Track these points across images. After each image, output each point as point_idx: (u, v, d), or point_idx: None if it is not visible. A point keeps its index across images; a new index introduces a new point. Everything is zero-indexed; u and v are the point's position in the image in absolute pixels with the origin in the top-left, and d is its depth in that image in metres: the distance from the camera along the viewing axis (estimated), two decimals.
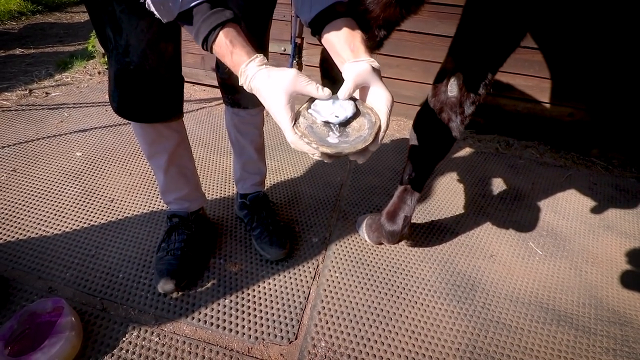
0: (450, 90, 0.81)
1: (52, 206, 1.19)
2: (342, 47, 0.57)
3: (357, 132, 0.51)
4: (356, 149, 0.49)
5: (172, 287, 0.90)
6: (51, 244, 1.05)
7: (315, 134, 0.51)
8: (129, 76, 0.74)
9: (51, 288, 0.93)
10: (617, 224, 1.39)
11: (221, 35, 0.53)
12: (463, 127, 0.85)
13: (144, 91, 0.77)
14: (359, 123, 0.52)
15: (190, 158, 0.99)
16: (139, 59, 0.72)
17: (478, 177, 1.59)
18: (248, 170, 1.12)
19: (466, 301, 1.00)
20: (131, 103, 0.78)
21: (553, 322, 0.97)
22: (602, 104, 1.76)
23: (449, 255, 1.15)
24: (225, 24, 0.53)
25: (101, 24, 0.71)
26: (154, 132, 0.86)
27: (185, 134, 0.95)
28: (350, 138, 0.51)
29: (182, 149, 0.94)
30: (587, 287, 1.10)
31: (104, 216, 1.17)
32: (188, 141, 0.97)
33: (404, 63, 1.85)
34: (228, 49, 0.53)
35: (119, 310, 0.89)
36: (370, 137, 0.50)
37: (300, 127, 0.51)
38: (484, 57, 0.78)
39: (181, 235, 0.99)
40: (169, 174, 0.94)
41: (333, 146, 0.49)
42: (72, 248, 1.04)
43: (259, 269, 1.03)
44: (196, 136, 1.68)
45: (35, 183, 1.28)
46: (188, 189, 1.00)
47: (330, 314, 0.93)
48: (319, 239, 1.16)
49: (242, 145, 1.07)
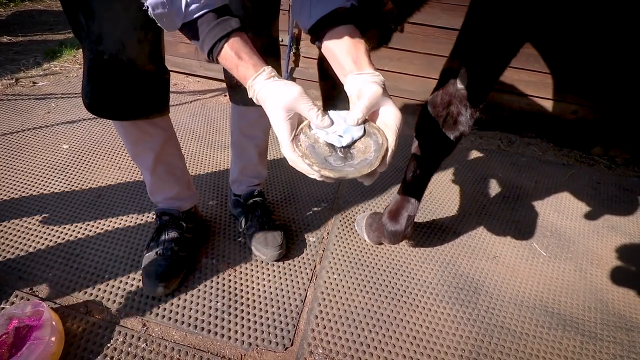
0: (460, 82, 0.76)
1: (36, 201, 1.13)
2: (344, 58, 0.53)
3: (363, 154, 0.48)
4: (361, 174, 0.45)
5: (161, 290, 0.85)
6: (34, 241, 0.99)
7: (317, 155, 0.47)
8: (102, 67, 0.67)
9: (32, 289, 0.88)
10: (621, 225, 1.35)
11: (226, 47, 0.50)
12: (472, 121, 0.81)
13: (120, 85, 0.69)
14: (364, 144, 0.48)
15: (180, 156, 0.93)
16: (113, 48, 0.65)
17: (480, 175, 1.55)
18: (246, 173, 1.06)
19: (469, 305, 0.96)
20: (105, 98, 0.71)
21: (559, 327, 0.94)
22: (606, 101, 1.72)
23: (451, 257, 1.11)
24: (231, 34, 0.50)
25: (72, 9, 0.64)
26: (136, 131, 0.79)
27: (173, 130, 0.89)
28: (355, 161, 0.47)
29: (169, 147, 0.87)
30: (593, 290, 1.07)
31: (91, 212, 1.11)
32: (176, 138, 0.91)
33: (405, 56, 1.79)
34: (234, 61, 0.50)
35: (104, 313, 0.84)
36: (376, 160, 0.46)
37: (302, 147, 0.47)
38: (494, 48, 0.73)
39: (171, 234, 0.93)
40: (156, 174, 0.88)
41: (337, 170, 0.46)
42: (56, 246, 0.99)
43: (253, 270, 0.98)
44: (189, 129, 1.62)
45: (19, 176, 1.22)
46: (178, 188, 0.94)
47: (328, 319, 0.88)
48: (317, 239, 1.11)
49: (244, 147, 1.00)
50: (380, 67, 1.84)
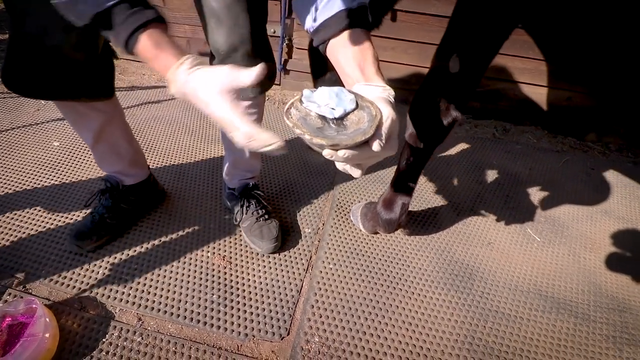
0: (452, 67, 0.75)
1: (28, 199, 1.11)
2: (351, 67, 0.50)
3: (356, 125, 0.47)
4: (355, 142, 0.44)
5: (74, 248, 0.93)
6: (26, 239, 0.98)
7: (309, 126, 0.46)
8: (22, 47, 0.64)
9: (25, 287, 0.87)
10: (614, 209, 1.36)
11: (144, 38, 0.46)
12: (465, 107, 0.80)
13: (36, 66, 0.66)
14: (357, 116, 0.47)
15: (125, 136, 0.92)
16: (37, 32, 0.62)
17: (475, 163, 1.55)
18: (238, 167, 1.05)
19: (464, 290, 0.97)
20: (20, 76, 0.68)
21: (552, 310, 0.95)
22: (600, 88, 1.72)
23: (446, 244, 1.11)
24: (147, 25, 0.46)
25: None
26: (72, 112, 0.79)
27: (118, 112, 0.88)
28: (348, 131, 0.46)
29: (112, 128, 0.87)
30: (586, 273, 1.08)
31: (83, 209, 1.10)
32: (122, 118, 0.91)
33: (399, 45, 1.77)
34: (152, 52, 0.46)
35: (99, 309, 0.84)
36: (370, 129, 0.45)
37: (293, 119, 0.46)
38: (486, 32, 0.72)
39: (106, 201, 0.97)
40: (97, 150, 0.91)
41: (329, 137, 0.44)
42: (49, 244, 0.98)
43: (249, 263, 0.98)
44: (182, 123, 1.60)
45: (9, 175, 1.20)
46: (121, 166, 0.96)
47: (324, 308, 0.88)
48: (312, 230, 1.11)
49: None
50: None
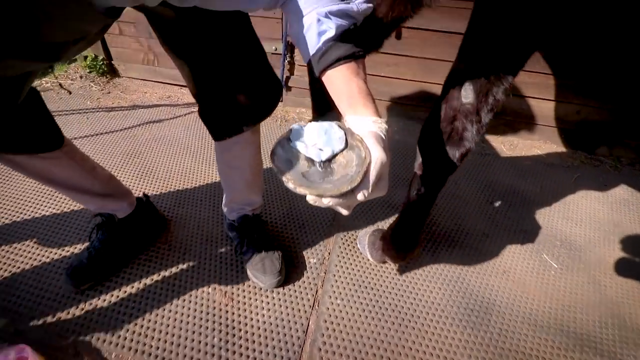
0: (464, 96, 0.71)
1: (25, 229, 1.08)
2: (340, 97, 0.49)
3: (344, 169, 0.44)
4: (340, 192, 0.41)
5: (68, 288, 0.90)
6: (19, 274, 0.94)
7: (295, 169, 0.43)
8: None
9: (17, 330, 0.83)
10: (631, 230, 1.31)
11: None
12: (479, 137, 0.76)
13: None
14: (346, 158, 0.44)
15: (87, 177, 0.84)
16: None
17: (484, 181, 1.50)
18: (236, 201, 1.01)
19: (481, 328, 0.91)
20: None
21: (576, 348, 0.89)
22: (610, 100, 1.68)
23: (459, 273, 1.06)
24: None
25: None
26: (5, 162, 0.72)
27: (64, 160, 0.78)
28: (334, 177, 0.43)
29: (65, 173, 0.80)
30: (608, 304, 1.02)
31: (81, 240, 1.06)
32: (75, 163, 0.81)
33: (402, 61, 1.74)
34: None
35: (94, 355, 0.79)
36: (357, 176, 0.41)
37: (277, 162, 0.43)
38: (503, 56, 0.68)
39: (103, 235, 0.94)
40: (65, 193, 0.86)
41: (313, 187, 0.42)
42: (44, 279, 0.94)
43: (252, 299, 0.93)
44: (183, 144, 1.56)
45: (8, 203, 1.17)
46: (94, 206, 0.92)
47: (332, 351, 0.83)
48: (318, 260, 1.06)
49: (230, 176, 0.95)
50: (376, 73, 1.81)
